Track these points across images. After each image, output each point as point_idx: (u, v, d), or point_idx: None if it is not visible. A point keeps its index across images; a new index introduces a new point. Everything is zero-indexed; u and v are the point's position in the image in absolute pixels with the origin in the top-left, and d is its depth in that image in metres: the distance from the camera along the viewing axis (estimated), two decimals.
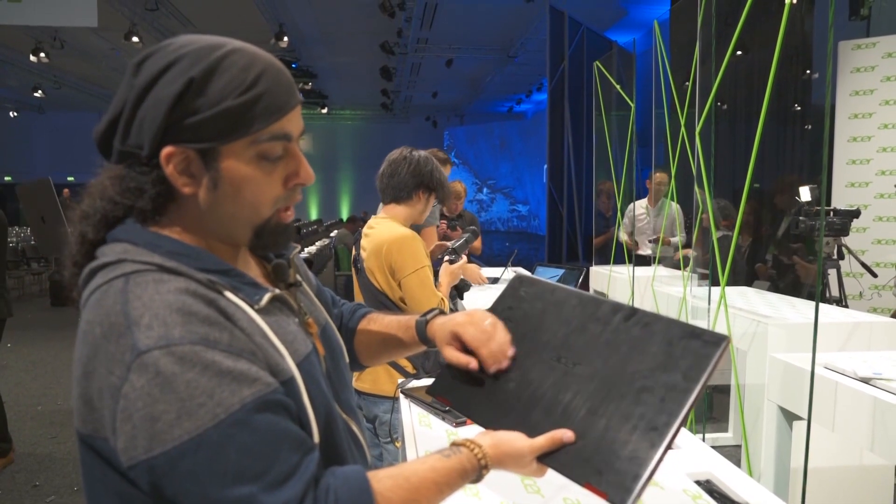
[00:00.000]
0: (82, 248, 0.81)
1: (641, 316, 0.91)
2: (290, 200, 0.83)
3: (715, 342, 0.83)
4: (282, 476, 0.68)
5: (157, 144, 0.74)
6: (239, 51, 0.77)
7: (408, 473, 0.78)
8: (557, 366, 0.92)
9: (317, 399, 0.80)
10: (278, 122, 0.77)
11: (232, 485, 0.66)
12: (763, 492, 1.21)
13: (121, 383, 0.67)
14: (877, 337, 2.67)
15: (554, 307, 1.00)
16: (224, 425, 0.67)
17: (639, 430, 0.79)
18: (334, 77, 15.10)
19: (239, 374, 0.69)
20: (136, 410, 0.66)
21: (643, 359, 0.86)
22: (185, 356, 0.67)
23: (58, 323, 7.48)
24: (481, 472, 0.83)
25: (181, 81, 0.73)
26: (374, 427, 2.09)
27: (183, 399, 0.66)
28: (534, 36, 11.03)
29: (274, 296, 0.82)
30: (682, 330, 0.86)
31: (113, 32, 9.77)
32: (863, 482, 2.59)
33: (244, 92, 0.74)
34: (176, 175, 0.76)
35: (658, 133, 4.30)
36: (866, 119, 5.27)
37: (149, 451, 0.66)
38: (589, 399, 0.86)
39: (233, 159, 0.76)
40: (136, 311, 0.69)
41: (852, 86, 5.33)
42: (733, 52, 2.62)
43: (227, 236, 0.82)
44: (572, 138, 9.26)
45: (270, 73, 0.77)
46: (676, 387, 0.81)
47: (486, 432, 0.88)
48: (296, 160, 0.81)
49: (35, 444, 3.80)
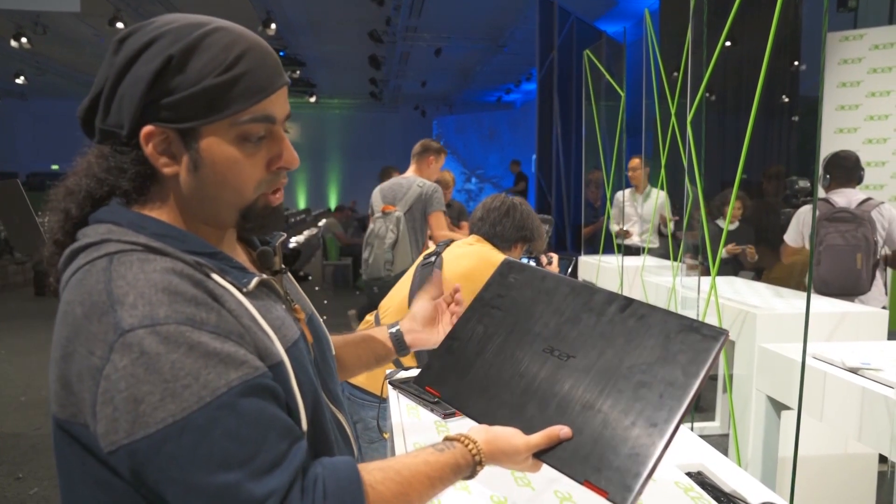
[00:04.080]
0: (65, 226, 0.78)
1: (637, 307, 0.89)
2: (273, 184, 0.81)
3: (714, 336, 0.82)
4: (268, 464, 0.66)
5: (137, 123, 0.73)
6: (222, 29, 0.75)
7: (399, 466, 0.76)
8: (550, 358, 0.89)
9: (305, 386, 0.78)
10: (260, 102, 0.75)
11: (217, 471, 0.64)
12: (753, 482, 1.21)
13: (102, 364, 0.65)
14: (865, 327, 2.69)
15: (545, 295, 0.97)
16: (210, 408, 0.65)
17: (638, 427, 0.78)
18: (322, 65, 14.97)
19: (226, 356, 0.67)
20: (119, 392, 0.64)
21: (640, 352, 0.84)
22: (170, 336, 0.65)
23: (42, 313, 7.39)
24: (475, 469, 0.82)
25: (160, 59, 0.71)
26: (356, 430, 2.06)
27: (167, 380, 0.64)
28: (523, 25, 10.97)
29: (261, 280, 0.80)
30: (680, 323, 0.85)
31: (97, 18, 9.61)
32: (847, 470, 2.62)
33: (225, 71, 0.72)
34: (156, 155, 0.74)
35: (648, 122, 4.29)
36: (853, 111, 5.30)
37: (131, 435, 0.64)
38: (585, 393, 0.84)
39: (213, 139, 0.74)
40: (119, 290, 0.67)
41: (839, 77, 5.35)
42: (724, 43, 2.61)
43: (211, 218, 0.80)
44: (561, 128, 9.25)
45: (254, 52, 0.75)
46: (675, 382, 0.80)
47: (482, 428, 0.86)
48: (279, 143, 0.79)
49: (18, 436, 3.76)
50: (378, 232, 3.38)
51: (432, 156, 3.61)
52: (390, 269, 3.30)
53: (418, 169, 3.60)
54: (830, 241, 3.23)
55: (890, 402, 1.72)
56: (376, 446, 1.97)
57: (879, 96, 5.19)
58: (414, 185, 3.43)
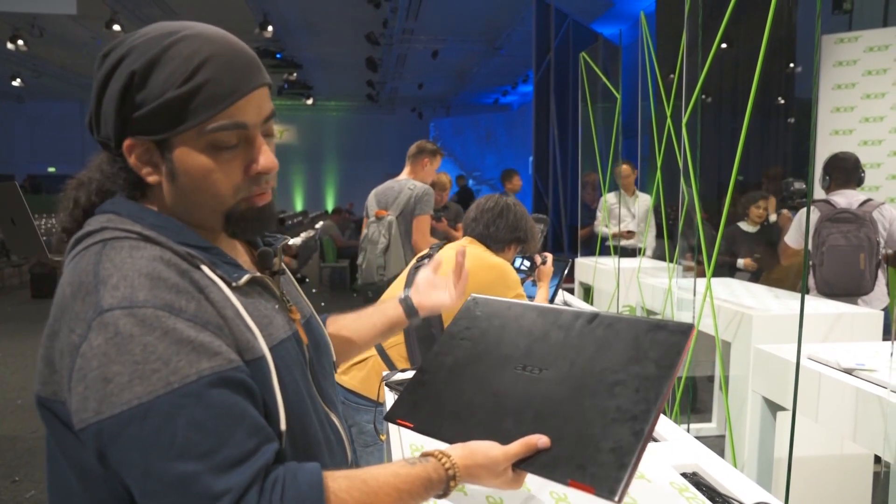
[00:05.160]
0: (73, 213, 0.82)
1: (603, 318, 0.91)
2: (253, 189, 0.80)
3: (682, 331, 0.84)
4: (231, 459, 0.66)
5: (119, 136, 0.76)
6: (187, 38, 0.75)
7: (366, 476, 0.75)
8: (523, 374, 0.90)
9: (288, 386, 0.78)
10: (226, 110, 0.75)
11: (176, 459, 0.64)
12: (748, 483, 1.22)
13: (80, 341, 0.66)
14: (860, 328, 2.70)
15: (513, 321, 0.99)
16: (176, 395, 0.65)
17: (617, 422, 0.78)
18: (319, 68, 14.98)
19: (200, 344, 0.68)
20: (91, 370, 0.65)
21: (611, 356, 0.86)
22: (146, 319, 0.66)
23: (38, 316, 7.37)
24: (449, 484, 0.80)
25: (125, 76, 0.73)
26: (351, 433, 2.05)
27: (137, 362, 0.65)
28: (520, 27, 10.99)
29: (253, 277, 0.81)
30: (647, 324, 0.87)
31: (93, 20, 9.61)
32: (843, 471, 2.63)
33: (185, 82, 0.73)
34: (139, 165, 0.77)
35: (644, 124, 4.31)
36: (848, 112, 5.32)
37: (98, 414, 0.65)
38: (561, 401, 0.84)
39: (184, 149, 0.76)
40: (105, 272, 0.69)
41: (835, 79, 5.37)
42: (719, 45, 2.62)
43: (197, 221, 0.81)
44: (558, 130, 9.27)
45: (218, 59, 0.75)
46: (650, 376, 0.81)
47: (459, 444, 0.84)
48: (253, 148, 0.79)
49: (15, 439, 3.75)
50: (371, 237, 3.37)
51: (427, 157, 3.56)
52: (383, 275, 3.29)
53: (412, 171, 3.56)
54: (833, 242, 3.20)
55: (884, 403, 1.73)
56: (371, 450, 1.97)
57: (874, 98, 5.21)
58: (405, 187, 3.39)
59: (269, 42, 11.70)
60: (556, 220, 9.35)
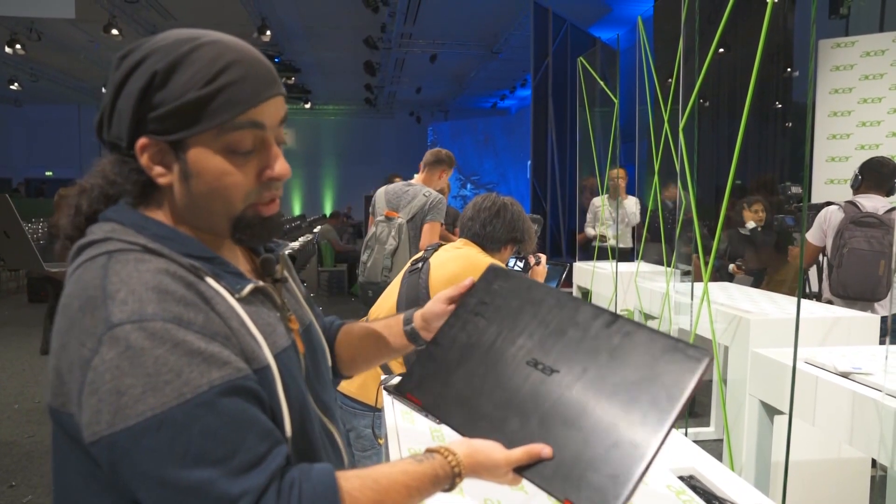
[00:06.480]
0: (75, 221, 0.82)
1: (622, 324, 0.89)
2: (264, 195, 0.81)
3: (698, 358, 0.82)
4: (245, 464, 0.67)
5: (133, 136, 0.76)
6: (211, 44, 0.76)
7: (377, 475, 0.77)
8: (534, 371, 0.89)
9: (292, 393, 0.79)
10: (244, 113, 0.76)
11: (192, 467, 0.65)
12: (745, 486, 1.22)
13: (91, 355, 0.67)
14: (856, 332, 2.71)
15: (530, 306, 0.96)
16: (189, 405, 0.66)
17: (620, 447, 0.78)
18: (318, 72, 14.98)
19: (210, 355, 0.69)
20: (104, 384, 0.66)
21: (624, 371, 0.84)
22: (156, 332, 0.67)
23: (35, 320, 7.35)
24: (454, 480, 0.82)
25: (147, 75, 0.74)
26: (348, 438, 2.05)
27: (150, 374, 0.66)
28: (518, 32, 11.01)
29: (256, 287, 0.82)
30: (665, 343, 0.85)
31: (92, 24, 9.59)
32: (841, 475, 2.63)
33: (207, 84, 0.74)
34: (150, 165, 0.77)
35: (642, 129, 4.32)
36: (845, 117, 5.34)
37: (111, 427, 0.65)
38: (567, 409, 0.84)
39: (200, 150, 0.76)
40: (112, 286, 0.70)
41: (831, 84, 5.40)
42: (716, 50, 2.63)
43: (205, 226, 0.81)
44: (556, 134, 9.28)
45: (241, 64, 0.77)
46: (659, 404, 0.80)
47: (463, 441, 0.86)
48: (269, 153, 0.80)
49: (11, 444, 3.73)
50: (380, 236, 3.31)
51: (444, 168, 3.55)
52: (387, 276, 3.26)
53: (427, 178, 3.53)
54: (855, 245, 3.12)
55: (880, 407, 1.73)
56: (369, 454, 1.97)
57: (871, 103, 5.24)
58: (420, 193, 3.36)
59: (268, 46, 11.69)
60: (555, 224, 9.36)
